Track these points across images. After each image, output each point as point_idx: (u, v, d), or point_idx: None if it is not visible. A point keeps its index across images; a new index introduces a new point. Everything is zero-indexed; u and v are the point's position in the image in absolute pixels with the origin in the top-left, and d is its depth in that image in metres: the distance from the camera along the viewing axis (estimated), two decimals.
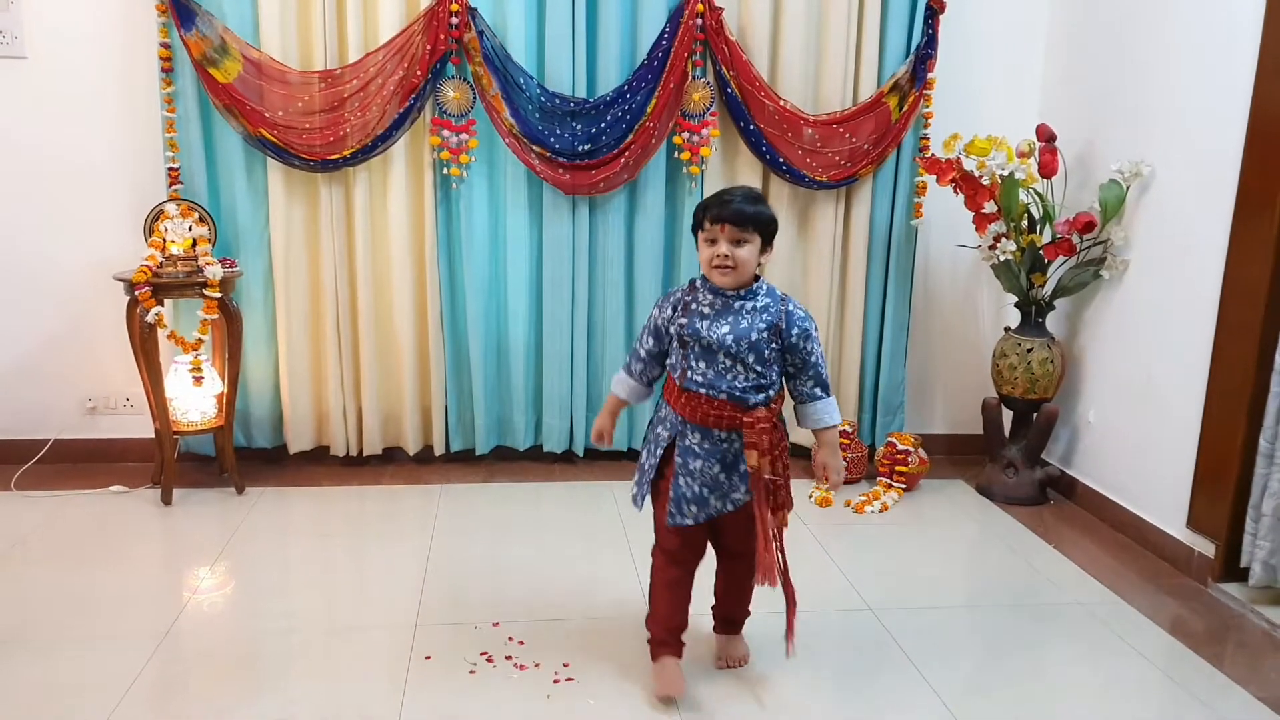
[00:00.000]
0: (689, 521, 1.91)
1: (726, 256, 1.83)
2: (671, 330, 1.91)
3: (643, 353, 1.99)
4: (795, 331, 1.87)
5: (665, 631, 2.00)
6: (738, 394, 1.85)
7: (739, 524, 1.94)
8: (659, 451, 1.94)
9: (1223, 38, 2.57)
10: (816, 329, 1.92)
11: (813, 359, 1.90)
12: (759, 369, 1.86)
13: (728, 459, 1.89)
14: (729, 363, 1.86)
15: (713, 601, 2.14)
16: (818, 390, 1.92)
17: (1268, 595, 2.47)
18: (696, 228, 1.91)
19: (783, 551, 1.92)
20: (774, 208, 3.21)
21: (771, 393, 1.89)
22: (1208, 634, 2.35)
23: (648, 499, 2.00)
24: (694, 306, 1.89)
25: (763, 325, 1.86)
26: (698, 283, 1.93)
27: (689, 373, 1.88)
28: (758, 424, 1.83)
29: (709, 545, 2.03)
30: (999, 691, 2.06)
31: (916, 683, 2.07)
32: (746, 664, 2.11)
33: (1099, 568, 2.70)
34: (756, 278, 1.90)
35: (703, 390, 1.86)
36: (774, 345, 1.87)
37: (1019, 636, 2.30)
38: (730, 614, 2.12)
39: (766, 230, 1.87)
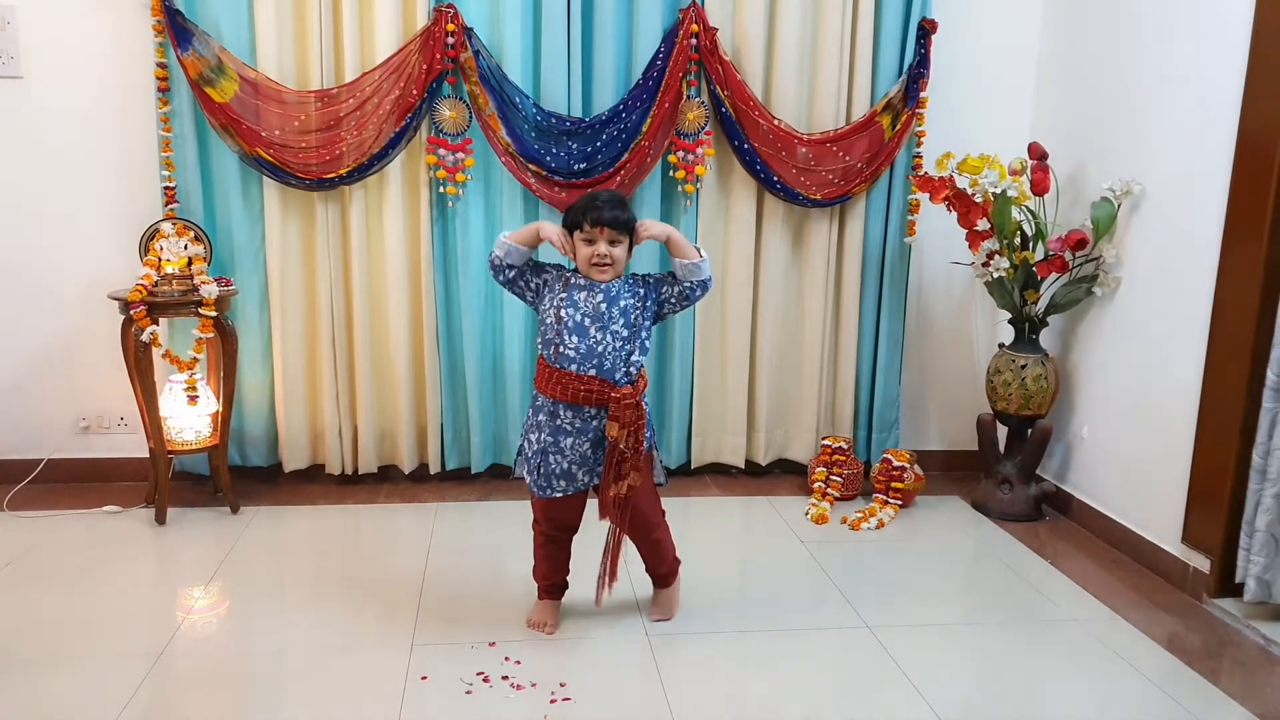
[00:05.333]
0: (558, 494, 2.17)
1: (605, 255, 2.12)
2: (552, 305, 2.14)
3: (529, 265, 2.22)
4: (650, 278, 2.21)
5: (547, 583, 2.34)
6: (606, 367, 2.10)
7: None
8: (534, 435, 2.19)
9: (1212, 58, 2.60)
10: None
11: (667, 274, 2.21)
12: (625, 334, 2.12)
13: (597, 436, 2.14)
14: (599, 335, 2.10)
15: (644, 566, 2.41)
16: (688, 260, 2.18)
17: (1262, 610, 2.47)
18: (574, 229, 2.15)
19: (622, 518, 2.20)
20: (769, 226, 3.34)
21: (634, 370, 2.14)
22: (1203, 649, 2.36)
23: (527, 477, 2.25)
24: (573, 281, 2.16)
25: (628, 294, 2.16)
26: (576, 274, 2.20)
27: (561, 347, 2.11)
28: (623, 400, 2.08)
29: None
30: (996, 708, 2.06)
31: (914, 700, 2.07)
32: (674, 615, 2.38)
33: (1094, 583, 2.70)
34: None
35: (573, 366, 2.10)
36: (639, 306, 2.15)
37: (1015, 653, 2.31)
38: (656, 571, 2.40)
39: (633, 233, 2.18)
